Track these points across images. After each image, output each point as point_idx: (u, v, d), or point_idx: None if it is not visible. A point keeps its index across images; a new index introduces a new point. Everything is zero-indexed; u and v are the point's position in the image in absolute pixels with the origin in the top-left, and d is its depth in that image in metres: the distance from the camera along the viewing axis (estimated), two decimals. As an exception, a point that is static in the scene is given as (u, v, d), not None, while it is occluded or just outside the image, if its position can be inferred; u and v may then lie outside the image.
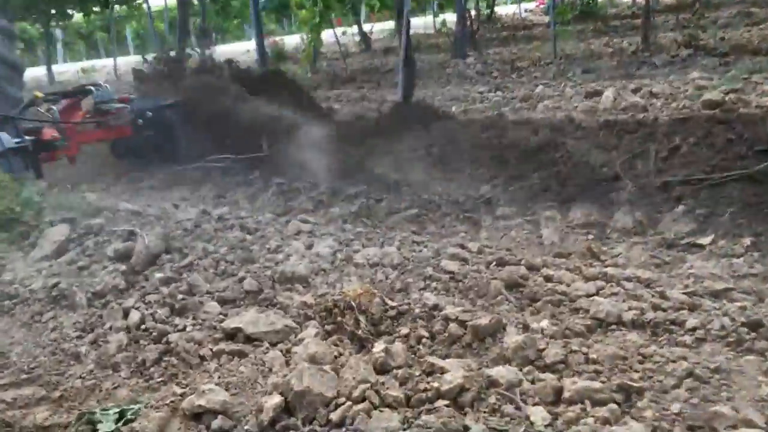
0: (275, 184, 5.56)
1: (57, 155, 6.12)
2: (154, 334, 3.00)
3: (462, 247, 3.65)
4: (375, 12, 15.42)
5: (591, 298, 2.87)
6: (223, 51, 28.31)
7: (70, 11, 20.34)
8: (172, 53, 8.96)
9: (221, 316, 3.07)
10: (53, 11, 20.16)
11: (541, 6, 28.87)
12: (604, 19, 18.03)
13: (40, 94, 6.37)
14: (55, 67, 26.31)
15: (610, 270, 3.22)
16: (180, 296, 3.31)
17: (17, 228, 4.67)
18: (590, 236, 3.88)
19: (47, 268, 3.95)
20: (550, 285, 3.07)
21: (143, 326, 3.09)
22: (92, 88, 6.64)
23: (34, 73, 27.25)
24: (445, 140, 5.61)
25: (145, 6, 22.17)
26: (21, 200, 4.78)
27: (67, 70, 27.05)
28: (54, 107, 6.29)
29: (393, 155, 5.71)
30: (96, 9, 20.61)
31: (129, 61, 27.45)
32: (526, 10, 30.33)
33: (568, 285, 3.05)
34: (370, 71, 13.92)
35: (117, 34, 29.08)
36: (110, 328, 3.14)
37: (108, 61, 23.28)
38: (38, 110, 6.26)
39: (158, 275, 3.64)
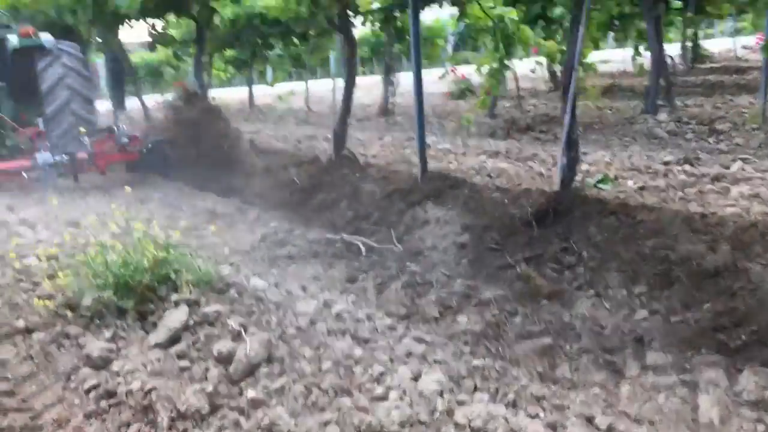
0: (408, 272, 5.19)
1: (88, 169, 9.40)
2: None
3: (589, 421, 3.02)
4: (554, 63, 14.54)
5: None
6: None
7: (272, 42, 21.63)
8: None
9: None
10: (259, 41, 21.57)
11: (760, 43, 25.58)
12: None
13: (83, 130, 9.33)
14: (258, 89, 28.35)
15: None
16: (256, 438, 3.05)
17: (152, 301, 4.74)
18: (761, 425, 3.03)
19: (154, 361, 3.91)
20: None
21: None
22: (115, 128, 10.24)
23: (240, 94, 29.57)
24: (603, 244, 4.89)
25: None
26: (157, 276, 4.84)
27: (269, 93, 28.84)
28: (87, 138, 9.32)
29: (542, 252, 5.10)
30: (296, 42, 21.74)
31: (328, 85, 28.65)
32: (743, 47, 26.91)
33: None
34: (551, 120, 13.12)
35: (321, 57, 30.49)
36: (177, 469, 2.95)
37: (308, 85, 24.41)
38: (80, 139, 9.41)
39: (250, 394, 3.44)
